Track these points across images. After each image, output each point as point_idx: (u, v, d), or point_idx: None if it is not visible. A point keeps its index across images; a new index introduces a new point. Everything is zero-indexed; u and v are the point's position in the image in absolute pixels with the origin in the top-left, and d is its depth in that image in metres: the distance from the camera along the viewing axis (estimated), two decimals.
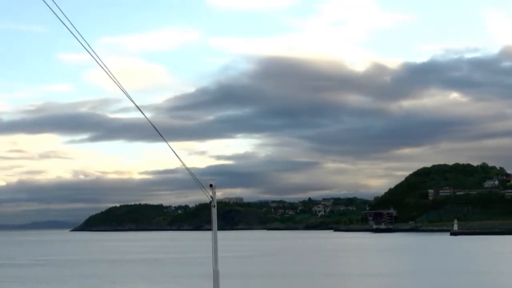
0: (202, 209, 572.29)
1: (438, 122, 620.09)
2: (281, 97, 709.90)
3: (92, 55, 17.55)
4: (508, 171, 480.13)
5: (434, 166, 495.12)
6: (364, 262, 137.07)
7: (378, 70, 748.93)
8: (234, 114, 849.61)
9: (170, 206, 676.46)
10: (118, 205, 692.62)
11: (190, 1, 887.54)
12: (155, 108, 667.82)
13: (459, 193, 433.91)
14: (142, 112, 20.20)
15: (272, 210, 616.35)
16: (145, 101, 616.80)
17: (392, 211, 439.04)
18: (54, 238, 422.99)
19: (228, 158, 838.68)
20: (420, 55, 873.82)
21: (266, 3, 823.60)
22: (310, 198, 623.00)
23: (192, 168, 21.70)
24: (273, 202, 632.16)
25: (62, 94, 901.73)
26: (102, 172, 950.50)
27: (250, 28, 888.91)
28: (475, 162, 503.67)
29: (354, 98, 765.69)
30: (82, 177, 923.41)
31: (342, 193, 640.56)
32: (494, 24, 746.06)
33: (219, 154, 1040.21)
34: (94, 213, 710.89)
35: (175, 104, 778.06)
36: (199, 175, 21.55)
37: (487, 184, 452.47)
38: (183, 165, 20.98)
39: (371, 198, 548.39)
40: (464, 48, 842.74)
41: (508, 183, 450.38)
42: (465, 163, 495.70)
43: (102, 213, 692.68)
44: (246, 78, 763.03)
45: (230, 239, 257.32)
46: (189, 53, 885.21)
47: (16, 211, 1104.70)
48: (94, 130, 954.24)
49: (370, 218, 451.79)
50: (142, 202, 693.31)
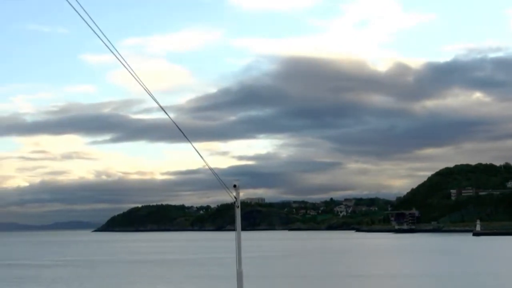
0: (224, 209, 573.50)
1: (461, 122, 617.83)
2: (303, 97, 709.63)
3: (116, 56, 17.62)
4: None
5: (456, 166, 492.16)
6: (386, 263, 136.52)
7: (401, 70, 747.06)
8: (256, 115, 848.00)
9: (192, 207, 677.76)
10: (140, 205, 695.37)
11: (213, 1, 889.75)
12: (178, 108, 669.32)
13: (482, 193, 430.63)
14: (166, 112, 20.23)
15: (294, 210, 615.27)
16: (167, 101, 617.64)
17: (414, 212, 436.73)
18: (75, 238, 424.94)
19: (250, 158, 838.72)
20: (443, 55, 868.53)
21: (289, 4, 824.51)
22: (332, 199, 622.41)
23: (214, 168, 21.71)
24: (295, 202, 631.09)
25: (85, 95, 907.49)
26: (125, 172, 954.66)
27: (273, 28, 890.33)
28: (498, 162, 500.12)
29: (377, 98, 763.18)
30: (104, 177, 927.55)
31: (364, 193, 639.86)
32: None
33: (241, 154, 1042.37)
34: (116, 213, 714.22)
35: (198, 104, 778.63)
36: (221, 176, 21.58)
37: (510, 184, 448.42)
38: (207, 165, 21.01)
39: (394, 199, 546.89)
40: (487, 47, 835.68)
41: None
42: (488, 163, 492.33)
43: (124, 213, 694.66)
44: (268, 79, 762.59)
45: (252, 240, 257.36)
46: (211, 53, 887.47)
47: (39, 212, 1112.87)
48: (116, 131, 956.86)
49: (392, 219, 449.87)
50: (164, 203, 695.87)
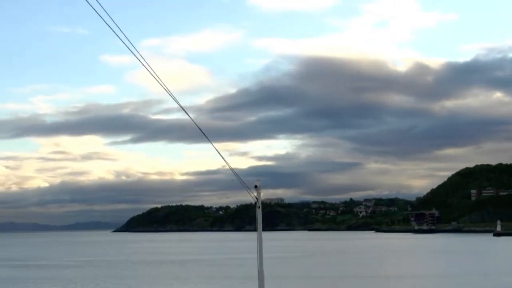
0: (244, 210, 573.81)
1: (481, 122, 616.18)
2: (323, 97, 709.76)
3: (136, 57, 17.65)
4: None
5: (477, 166, 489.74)
6: (405, 264, 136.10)
7: (421, 70, 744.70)
8: (276, 115, 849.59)
9: (211, 207, 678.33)
10: (159, 206, 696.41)
11: (233, 2, 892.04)
12: (197, 109, 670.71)
13: (502, 193, 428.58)
14: (187, 113, 20.24)
15: (313, 211, 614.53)
16: (187, 102, 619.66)
17: (434, 212, 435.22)
18: (95, 239, 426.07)
19: (269, 158, 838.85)
20: (463, 55, 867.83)
21: (308, 4, 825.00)
22: (351, 199, 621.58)
23: (234, 169, 21.69)
24: (314, 202, 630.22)
25: (105, 95, 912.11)
26: (144, 173, 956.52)
27: (292, 28, 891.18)
28: None
29: (396, 99, 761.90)
30: (124, 178, 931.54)
31: (384, 193, 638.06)
32: None
33: (261, 154, 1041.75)
34: (136, 214, 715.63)
35: (217, 105, 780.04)
36: (241, 176, 21.56)
37: None
38: (228, 166, 20.99)
39: (413, 199, 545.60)
40: (507, 47, 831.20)
41: None
42: (508, 163, 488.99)
43: (144, 214, 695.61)
44: (288, 79, 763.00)
45: (271, 240, 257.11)
46: (231, 54, 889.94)
47: (59, 212, 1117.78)
48: (136, 131, 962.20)
49: (412, 219, 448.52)
50: (184, 203, 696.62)
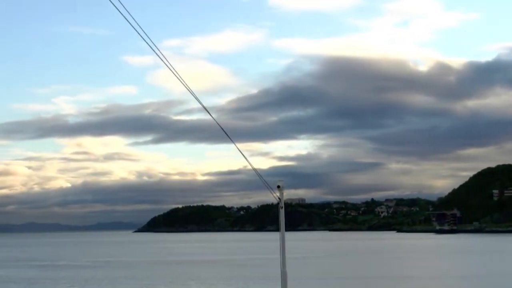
0: (265, 210, 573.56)
1: (503, 122, 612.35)
2: (344, 97, 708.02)
3: (160, 57, 17.76)
4: None
5: (499, 166, 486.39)
6: (427, 264, 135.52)
7: (443, 70, 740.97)
8: (297, 115, 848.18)
9: (232, 207, 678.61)
10: (180, 206, 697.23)
11: (254, 2, 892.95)
12: (219, 109, 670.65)
13: None
14: (210, 113, 20.34)
15: (334, 211, 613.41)
16: (208, 102, 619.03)
17: (456, 212, 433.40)
18: (116, 239, 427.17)
19: (291, 159, 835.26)
20: (484, 54, 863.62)
21: (330, 4, 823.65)
22: (373, 199, 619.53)
23: (256, 169, 21.74)
24: (335, 203, 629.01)
25: (127, 96, 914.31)
26: (166, 173, 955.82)
27: (314, 28, 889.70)
28: None
29: (418, 98, 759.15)
30: (146, 178, 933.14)
31: (405, 193, 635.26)
32: None
33: (282, 155, 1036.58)
34: (157, 214, 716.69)
35: (238, 105, 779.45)
36: (262, 176, 21.61)
37: None
38: (251, 166, 21.08)
39: (435, 199, 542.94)
40: None
41: None
42: None
43: (165, 214, 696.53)
44: (309, 79, 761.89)
45: (292, 240, 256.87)
46: (252, 54, 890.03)
47: (81, 213, 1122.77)
48: (157, 132, 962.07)
49: (434, 219, 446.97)
50: (205, 203, 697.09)
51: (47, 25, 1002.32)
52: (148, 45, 17.33)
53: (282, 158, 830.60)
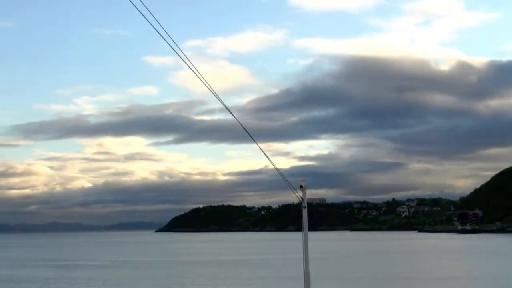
0: (286, 210, 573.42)
1: None
2: (365, 97, 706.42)
3: (181, 58, 17.75)
4: None
5: None
6: (449, 265, 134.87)
7: (464, 69, 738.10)
8: (318, 115, 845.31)
9: (253, 207, 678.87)
10: (201, 206, 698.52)
11: (275, 2, 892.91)
12: (239, 109, 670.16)
13: None
14: (232, 113, 20.30)
15: (355, 211, 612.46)
16: (229, 102, 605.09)
17: (477, 212, 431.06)
18: (136, 239, 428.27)
19: (312, 159, 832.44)
20: (506, 54, 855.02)
21: (350, 3, 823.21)
22: (394, 199, 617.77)
23: (279, 169, 21.70)
24: (356, 202, 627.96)
25: (148, 96, 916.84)
26: (187, 173, 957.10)
27: (335, 28, 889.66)
28: None
29: (439, 98, 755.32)
30: (167, 178, 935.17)
31: (427, 193, 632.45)
32: None
33: (303, 155, 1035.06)
34: (178, 214, 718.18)
35: (259, 105, 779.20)
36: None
37: None
38: (273, 166, 21.05)
39: (457, 199, 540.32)
40: None
41: None
42: None
43: (186, 214, 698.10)
44: (330, 79, 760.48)
45: (313, 240, 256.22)
46: (273, 54, 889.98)
47: (102, 212, 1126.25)
48: (179, 132, 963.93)
49: (455, 219, 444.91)
50: (226, 203, 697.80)
51: (69, 26, 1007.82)
52: (169, 45, 17.34)
53: (303, 158, 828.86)
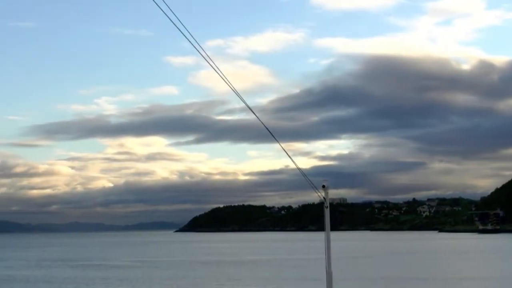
0: (306, 210, 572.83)
1: None
2: (386, 97, 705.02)
3: (204, 57, 17.72)
4: None
5: None
6: (470, 265, 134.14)
7: (486, 68, 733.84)
8: (339, 115, 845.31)
9: (273, 207, 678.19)
10: (222, 206, 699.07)
11: (295, 2, 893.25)
12: (260, 109, 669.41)
13: None
14: (253, 112, 20.24)
15: (376, 210, 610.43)
16: (250, 102, 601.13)
17: (499, 212, 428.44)
18: (156, 239, 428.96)
19: (332, 158, 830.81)
20: None
21: (371, 3, 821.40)
22: (414, 199, 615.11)
23: (296, 169, 21.65)
24: (377, 202, 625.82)
25: (168, 96, 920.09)
26: (207, 173, 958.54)
27: (355, 28, 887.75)
28: None
29: (461, 98, 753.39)
30: (187, 178, 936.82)
31: (448, 193, 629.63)
32: None
33: (324, 154, 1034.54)
34: (198, 214, 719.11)
35: (280, 105, 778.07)
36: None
37: None
38: (296, 166, 20.99)
39: (478, 199, 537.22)
40: None
41: None
42: None
43: (206, 214, 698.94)
44: (351, 79, 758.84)
45: (334, 240, 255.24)
46: (294, 54, 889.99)
47: (123, 212, 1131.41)
48: (199, 132, 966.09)
49: (476, 219, 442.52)
50: (246, 203, 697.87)
51: (90, 26, 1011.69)
52: (192, 45, 17.31)
53: (323, 158, 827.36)
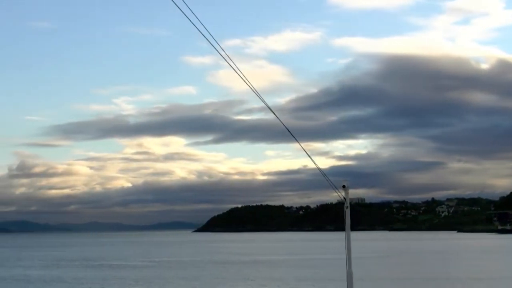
0: (324, 210, 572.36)
1: None
2: (404, 96, 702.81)
3: (223, 56, 17.73)
4: None
5: None
6: (488, 265, 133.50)
7: (504, 67, 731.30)
8: (357, 114, 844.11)
9: (291, 207, 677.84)
10: (240, 206, 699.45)
11: (312, 1, 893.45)
12: (278, 109, 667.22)
13: None
14: (273, 112, 20.21)
15: (394, 210, 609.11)
16: (268, 102, 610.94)
17: None
18: (174, 239, 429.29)
19: (350, 158, 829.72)
20: None
21: (389, 2, 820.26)
22: (433, 199, 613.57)
23: (315, 168, 21.64)
24: (395, 202, 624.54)
25: (187, 96, 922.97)
26: (226, 173, 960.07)
27: (373, 27, 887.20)
28: None
29: (479, 97, 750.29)
30: (206, 178, 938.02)
31: (466, 193, 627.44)
32: None
33: (342, 154, 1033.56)
34: (216, 214, 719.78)
35: (298, 104, 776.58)
36: (322, 176, 21.45)
37: None
38: (316, 166, 20.97)
39: (497, 198, 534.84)
40: None
41: None
42: None
43: (224, 213, 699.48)
44: (369, 78, 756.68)
45: (352, 240, 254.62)
46: (312, 53, 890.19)
47: (142, 212, 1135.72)
48: (218, 132, 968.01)
49: (495, 219, 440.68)
50: (264, 203, 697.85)
51: (108, 26, 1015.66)
52: (211, 44, 17.32)
53: (341, 158, 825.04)
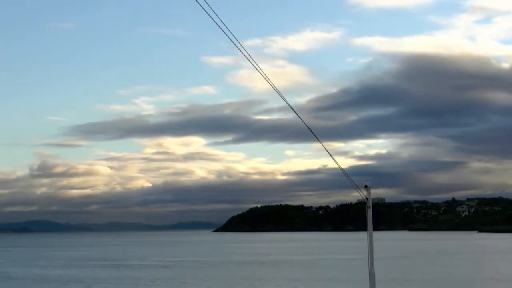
0: (343, 210, 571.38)
1: None
2: (425, 96, 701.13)
3: (246, 57, 17.64)
4: None
5: None
6: (509, 265, 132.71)
7: None
8: (377, 114, 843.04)
9: (311, 207, 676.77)
10: (259, 205, 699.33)
11: (333, 1, 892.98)
12: (298, 108, 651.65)
13: None
14: (295, 111, 20.11)
15: (414, 210, 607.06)
16: (288, 101, 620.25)
17: None
18: (193, 239, 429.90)
19: (370, 158, 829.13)
20: None
21: (409, 1, 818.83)
22: (453, 198, 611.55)
23: (335, 168, 21.59)
24: (415, 202, 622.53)
25: (206, 96, 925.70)
26: (245, 173, 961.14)
27: (394, 26, 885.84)
28: None
29: (500, 96, 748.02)
30: (225, 178, 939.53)
31: (487, 193, 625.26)
32: None
33: (362, 154, 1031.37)
34: (236, 213, 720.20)
35: (318, 104, 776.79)
36: (342, 176, 21.41)
37: None
38: (338, 166, 20.87)
39: None
40: None
41: None
42: None
43: (244, 213, 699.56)
44: (389, 78, 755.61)
45: (373, 240, 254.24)
46: (331, 53, 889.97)
47: (162, 212, 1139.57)
48: (237, 132, 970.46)
49: None
50: (284, 203, 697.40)
51: (129, 26, 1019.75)
52: (233, 43, 17.24)
53: (361, 157, 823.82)
